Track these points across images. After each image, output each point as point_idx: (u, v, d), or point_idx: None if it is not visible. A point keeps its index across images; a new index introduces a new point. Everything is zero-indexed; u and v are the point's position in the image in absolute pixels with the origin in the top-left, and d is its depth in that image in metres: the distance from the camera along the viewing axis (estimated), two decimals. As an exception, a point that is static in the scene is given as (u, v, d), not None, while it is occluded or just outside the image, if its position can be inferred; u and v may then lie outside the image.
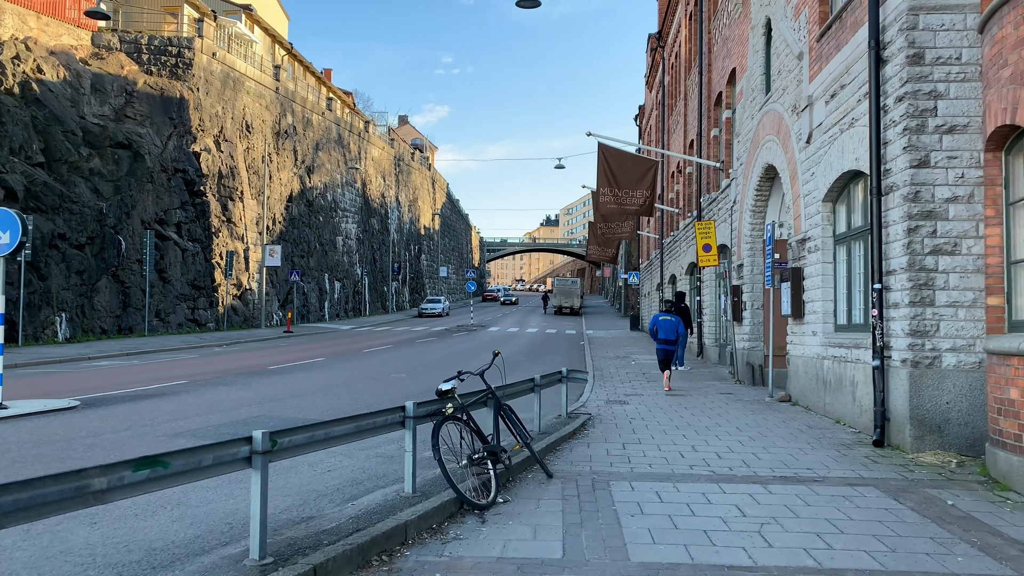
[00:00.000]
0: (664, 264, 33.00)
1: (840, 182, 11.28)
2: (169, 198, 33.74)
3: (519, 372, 19.08)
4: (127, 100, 33.73)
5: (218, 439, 8.69)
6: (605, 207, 20.20)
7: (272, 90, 44.73)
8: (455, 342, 31.58)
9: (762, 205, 16.48)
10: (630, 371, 19.34)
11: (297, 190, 47.26)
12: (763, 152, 15.43)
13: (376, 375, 17.87)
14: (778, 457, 8.51)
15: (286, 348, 27.39)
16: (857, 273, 11.02)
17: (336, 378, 17.01)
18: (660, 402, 13.45)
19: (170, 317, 33.19)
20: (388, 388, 15.24)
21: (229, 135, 39.19)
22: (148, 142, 32.81)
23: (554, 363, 22.61)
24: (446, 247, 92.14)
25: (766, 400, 13.63)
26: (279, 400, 13.04)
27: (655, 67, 38.66)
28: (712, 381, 17.27)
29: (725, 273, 18.02)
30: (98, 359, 21.93)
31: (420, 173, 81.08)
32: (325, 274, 50.75)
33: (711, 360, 21.79)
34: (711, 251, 17.10)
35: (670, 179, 32.31)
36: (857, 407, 10.26)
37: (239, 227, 39.63)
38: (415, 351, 26.02)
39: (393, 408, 6.01)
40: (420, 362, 21.74)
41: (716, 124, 22.00)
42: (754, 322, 16.66)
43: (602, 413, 11.93)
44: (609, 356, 24.34)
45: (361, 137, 60.55)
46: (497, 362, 7.77)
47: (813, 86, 12.19)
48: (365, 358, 22.87)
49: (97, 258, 29.08)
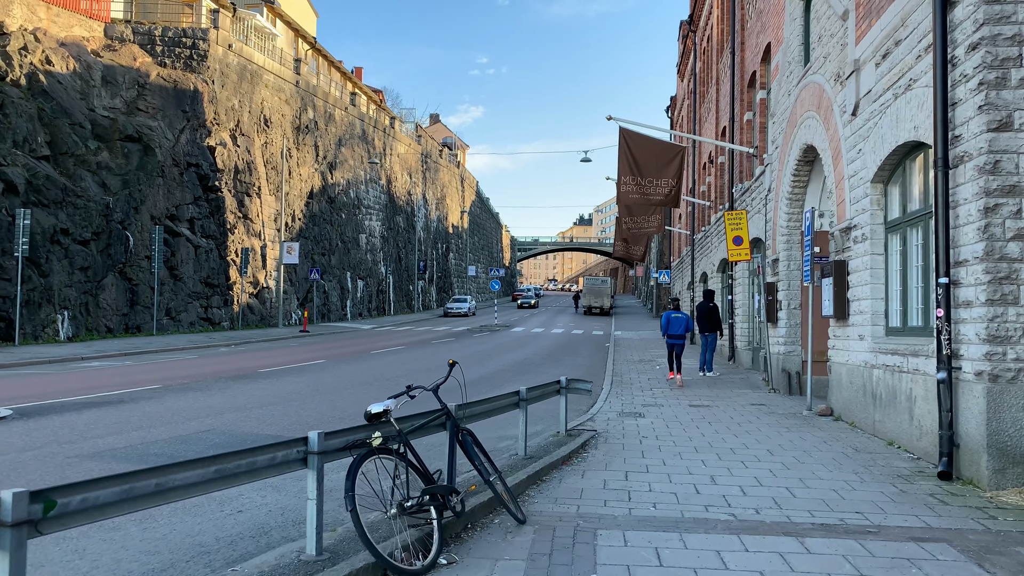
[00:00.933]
0: (695, 261, 31.12)
1: (894, 158, 9.49)
2: (181, 193, 32.75)
3: (532, 376, 17.50)
4: (139, 92, 32.84)
5: (139, 463, 7.34)
6: (627, 197, 18.49)
7: (292, 84, 43.69)
8: (473, 343, 30.08)
9: (800, 192, 14.65)
10: (653, 377, 17.62)
11: (318, 186, 46.19)
12: (801, 131, 13.62)
13: (372, 379, 16.42)
14: (818, 494, 6.80)
15: (295, 349, 26.14)
16: (914, 266, 9.22)
17: (326, 383, 15.59)
18: (680, 415, 11.75)
19: (181, 316, 32.20)
20: (377, 395, 13.75)
21: (246, 129, 38.18)
22: (159, 135, 31.85)
23: (573, 366, 20.97)
24: (475, 246, 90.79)
25: (803, 414, 11.84)
26: (246, 410, 11.62)
27: (686, 54, 36.75)
28: (743, 389, 15.48)
29: (758, 269, 16.24)
30: (92, 359, 20.84)
31: (448, 170, 79.82)
32: (347, 272, 49.63)
33: (743, 365, 19.95)
34: (742, 244, 15.33)
35: (701, 170, 30.42)
36: (915, 428, 8.48)
37: (256, 224, 38.61)
38: (427, 353, 24.56)
39: (290, 441, 4.45)
40: (425, 365, 20.27)
41: (750, 107, 20.17)
42: (790, 324, 14.85)
43: (610, 429, 10.28)
44: (633, 359, 22.61)
45: (386, 133, 59.40)
46: (489, 373, 6.23)
47: (860, 48, 10.39)
48: (369, 360, 21.46)
49: (103, 254, 28.14)
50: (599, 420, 11.13)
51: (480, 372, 18.49)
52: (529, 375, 18.03)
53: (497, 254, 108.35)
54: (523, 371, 19.07)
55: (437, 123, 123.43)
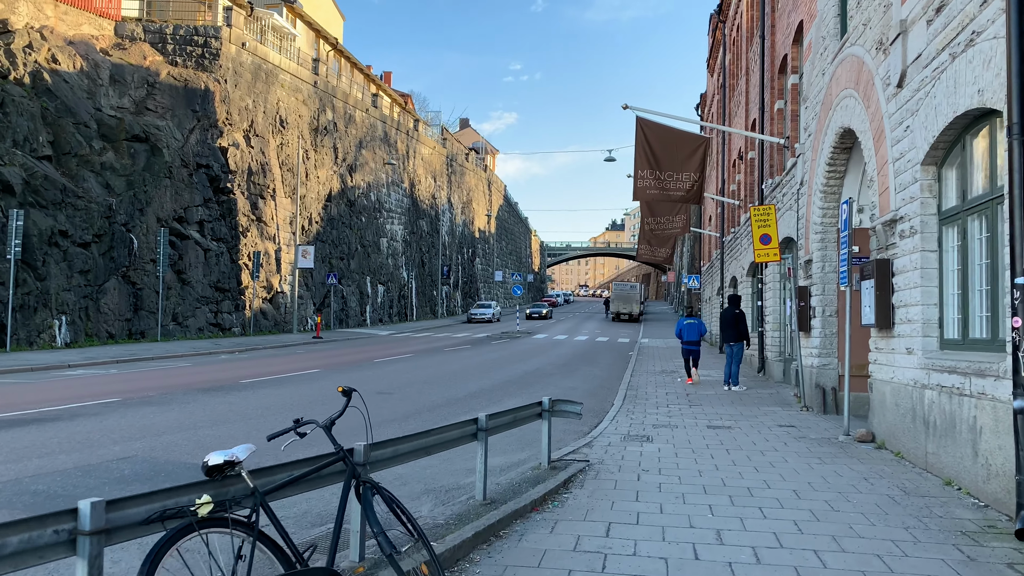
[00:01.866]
0: (724, 265, 29.30)
1: (950, 133, 7.79)
2: (190, 195, 31.80)
3: (537, 390, 15.96)
4: (148, 92, 32.00)
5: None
6: (644, 193, 16.84)
7: (310, 84, 42.72)
8: (487, 351, 28.58)
9: (836, 184, 12.92)
10: (672, 391, 15.94)
11: (337, 189, 45.15)
12: (837, 114, 11.91)
13: (361, 392, 15.01)
14: (859, 561, 5.16)
15: (298, 356, 24.89)
16: (977, 264, 7.52)
17: (304, 397, 14.21)
18: (695, 439, 10.11)
19: (189, 321, 31.21)
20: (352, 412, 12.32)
21: (260, 130, 37.23)
22: (167, 135, 30.94)
23: (587, 378, 19.37)
24: (503, 251, 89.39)
25: (840, 439, 10.12)
26: (191, 430, 10.24)
27: (716, 48, 34.96)
28: (771, 406, 13.75)
29: (789, 271, 14.50)
30: (78, 367, 19.77)
31: (475, 174, 78.58)
32: (367, 277, 48.51)
33: (773, 378, 18.16)
34: (771, 243, 13.61)
35: (731, 168, 28.62)
36: (981, 467, 6.77)
37: (270, 227, 37.60)
38: (434, 362, 23.12)
39: (53, 515, 2.97)
40: (425, 376, 18.82)
41: (780, 95, 18.42)
42: (825, 333, 13.10)
43: (607, 458, 8.69)
44: (654, 370, 20.91)
45: (410, 136, 58.30)
46: (490, 386, 4.92)
47: (908, 6, 8.71)
48: (368, 369, 20.07)
49: (105, 257, 27.21)
50: (598, 446, 9.54)
51: (480, 385, 16.98)
52: (533, 388, 16.48)
53: (526, 259, 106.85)
54: (528, 383, 17.52)
55: (467, 128, 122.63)
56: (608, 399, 15.04)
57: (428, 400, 14.02)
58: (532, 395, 15.21)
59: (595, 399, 15.01)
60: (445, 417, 11.98)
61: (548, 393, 15.60)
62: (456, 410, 12.88)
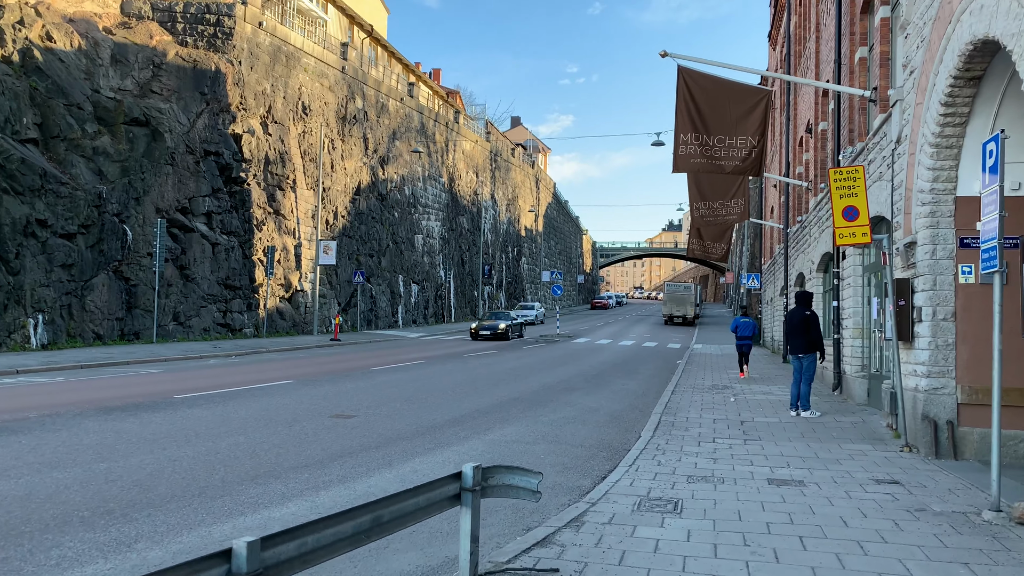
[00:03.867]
0: (788, 260, 25.30)
1: None
2: (196, 184, 29.27)
3: (555, 409, 12.50)
4: (154, 73, 29.60)
5: None
6: (688, 162, 13.23)
7: (337, 70, 40.02)
8: (514, 357, 25.19)
9: (955, 133, 9.15)
10: (723, 417, 12.30)
11: (367, 181, 42.37)
12: (965, 24, 8.18)
13: (309, 414, 11.81)
14: None
15: (293, 362, 21.96)
16: None
17: (231, 423, 11.06)
18: (749, 509, 6.55)
19: (192, 321, 28.65)
20: (280, 442, 9.10)
21: (280, 116, 34.61)
22: (170, 119, 28.45)
23: (620, 394, 15.82)
24: (551, 250, 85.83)
25: (983, 519, 6.40)
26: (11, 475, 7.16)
27: (779, 14, 30.89)
28: (857, 443, 10.04)
29: (884, 258, 10.72)
30: (27, 373, 17.12)
31: (521, 170, 75.28)
32: (399, 276, 45.63)
33: (854, 399, 14.30)
34: (858, 218, 9.82)
35: (797, 148, 24.60)
36: None
37: (289, 220, 34.96)
38: (441, 371, 19.82)
39: None
40: (414, 391, 15.53)
41: (864, 39, 14.58)
42: (937, 343, 9.33)
43: (592, 557, 5.21)
44: (703, 385, 17.23)
45: (449, 128, 55.31)
46: (485, 407, 5.65)
47: None
48: (350, 381, 16.86)
49: (93, 250, 24.75)
50: (591, 523, 6.06)
51: (476, 404, 13.60)
52: (542, 410, 13.03)
53: (576, 260, 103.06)
54: (539, 403, 14.07)
55: (518, 126, 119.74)
56: (635, 427, 11.51)
57: (388, 430, 10.73)
58: (536, 419, 11.79)
59: (617, 427, 11.50)
60: (385, 459, 8.68)
61: (558, 416, 12.15)
62: (412, 446, 9.58)
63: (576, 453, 9.31)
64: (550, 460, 8.84)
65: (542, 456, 9.01)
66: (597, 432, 10.95)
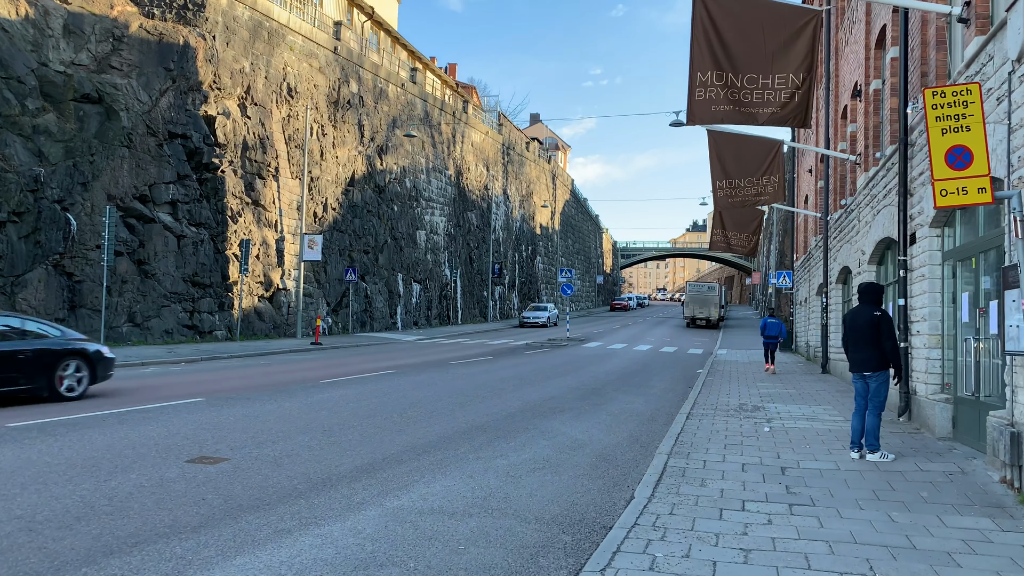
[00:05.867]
0: (828, 254, 21.61)
1: None
2: (159, 169, 26.20)
3: (524, 442, 8.82)
4: (114, 47, 26.55)
5: None
6: (706, 108, 9.72)
7: (329, 50, 36.87)
8: (507, 366, 21.76)
9: None
10: (755, 459, 8.77)
11: (362, 172, 39.17)
12: None
13: (162, 456, 8.49)
14: None
15: (240, 372, 18.74)
16: None
17: (38, 469, 7.79)
18: None
19: (152, 322, 25.55)
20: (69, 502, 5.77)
21: (261, 98, 31.50)
22: (128, 96, 25.41)
23: (620, 418, 12.34)
24: (568, 249, 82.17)
25: None
26: None
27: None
28: (965, 514, 6.47)
29: (1015, 226, 7.12)
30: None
31: (537, 166, 71.80)
32: (398, 274, 42.36)
33: (932, 430, 10.66)
34: (971, 164, 6.26)
35: (839, 121, 20.92)
36: None
37: (271, 212, 31.84)
38: (404, 385, 16.42)
39: None
40: (353, 414, 12.15)
41: (945, -50, 10.97)
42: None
43: None
44: (728, 406, 13.67)
45: (457, 118, 51.99)
46: (426, 442, 6.88)
47: None
48: (289, 398, 13.53)
49: (27, 240, 21.73)
50: None
51: (411, 439, 10.18)
52: (502, 446, 9.59)
53: (596, 260, 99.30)
54: (505, 433, 10.62)
55: (537, 123, 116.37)
56: (630, 477, 8.03)
57: (254, 486, 7.35)
58: (490, 464, 8.37)
59: (603, 478, 8.02)
60: (197, 550, 5.31)
61: (525, 456, 8.72)
62: (262, 522, 6.20)
63: (523, 538, 5.86)
64: (471, 556, 5.41)
65: (462, 547, 5.57)
66: (571, 488, 7.50)
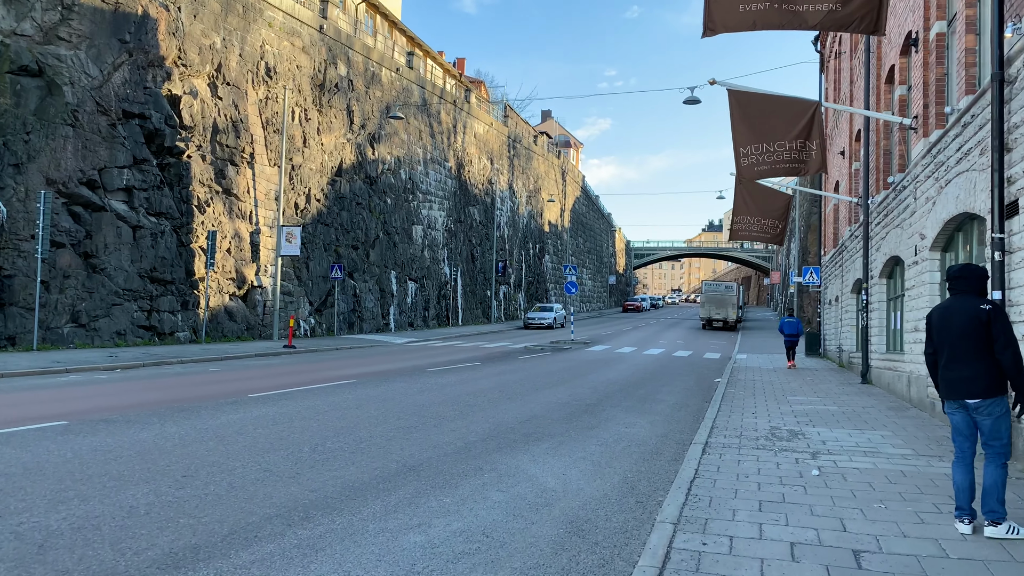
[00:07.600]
0: (869, 243, 18.44)
1: None
2: (110, 152, 23.43)
3: (463, 499, 5.57)
4: (63, 16, 23.77)
5: None
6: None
7: (314, 28, 34.06)
8: (495, 373, 18.77)
9: None
10: (810, 536, 5.72)
11: (351, 161, 36.32)
12: None
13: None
14: None
15: (173, 381, 15.85)
16: None
17: None
18: None
19: (101, 323, 22.77)
20: None
21: (234, 78, 28.73)
22: (73, 69, 22.66)
23: (615, 450, 9.33)
24: (579, 248, 79.05)
25: None
26: None
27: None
28: None
29: None
30: None
31: (545, 160, 68.80)
32: (391, 271, 39.47)
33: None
34: None
35: (884, 86, 17.74)
36: None
37: (244, 202, 29.05)
38: (372, 395, 13.47)
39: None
40: (269, 443, 9.21)
41: None
42: None
43: None
44: (756, 431, 10.61)
45: (458, 107, 49.09)
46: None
47: None
48: (178, 422, 10.61)
49: (-55, 230, 19.03)
50: None
51: (307, 488, 7.19)
52: (432, 501, 6.63)
53: (608, 259, 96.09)
54: (448, 481, 7.64)
55: (549, 120, 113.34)
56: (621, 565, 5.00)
57: None
58: (396, 542, 5.34)
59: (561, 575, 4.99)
60: None
61: (457, 527, 5.73)
62: None
63: None
64: None
65: None
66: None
